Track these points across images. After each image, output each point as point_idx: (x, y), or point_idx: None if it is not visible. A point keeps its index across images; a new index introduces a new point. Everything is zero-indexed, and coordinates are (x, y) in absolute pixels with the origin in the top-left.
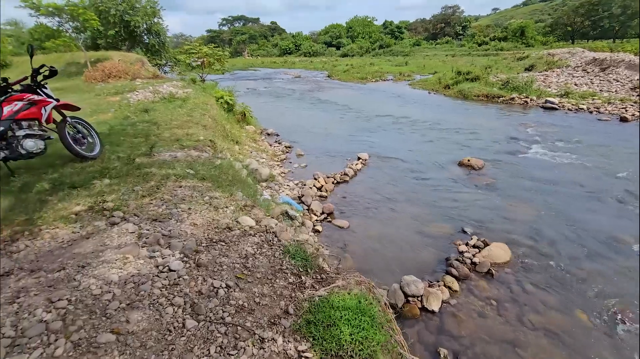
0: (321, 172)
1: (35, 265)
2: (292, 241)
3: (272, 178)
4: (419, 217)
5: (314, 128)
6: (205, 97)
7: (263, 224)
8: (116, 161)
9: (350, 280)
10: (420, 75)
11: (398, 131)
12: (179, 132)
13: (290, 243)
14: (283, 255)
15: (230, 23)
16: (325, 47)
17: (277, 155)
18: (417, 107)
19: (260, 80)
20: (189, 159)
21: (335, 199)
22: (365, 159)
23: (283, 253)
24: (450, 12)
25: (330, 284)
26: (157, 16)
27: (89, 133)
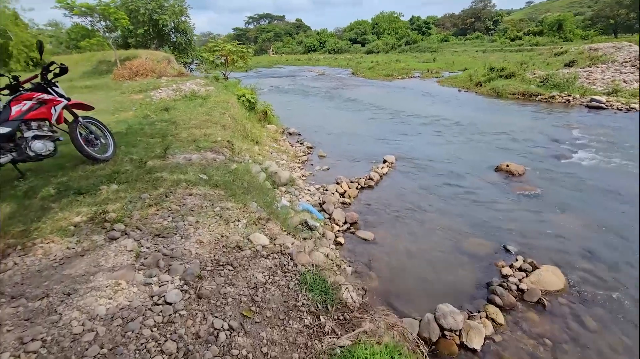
0: (344, 175)
1: (19, 289)
2: (310, 266)
3: (292, 182)
4: (453, 230)
5: (338, 128)
6: (227, 95)
7: (278, 243)
8: (128, 164)
9: (380, 322)
10: (449, 72)
11: (427, 131)
12: (197, 132)
13: (308, 269)
14: (299, 285)
15: (256, 21)
16: (350, 44)
17: (298, 156)
18: (447, 105)
19: (284, 77)
20: (204, 162)
21: (359, 207)
22: (392, 162)
23: (299, 283)
24: (481, 6)
25: (355, 328)
26: (184, 14)
27: (103, 133)
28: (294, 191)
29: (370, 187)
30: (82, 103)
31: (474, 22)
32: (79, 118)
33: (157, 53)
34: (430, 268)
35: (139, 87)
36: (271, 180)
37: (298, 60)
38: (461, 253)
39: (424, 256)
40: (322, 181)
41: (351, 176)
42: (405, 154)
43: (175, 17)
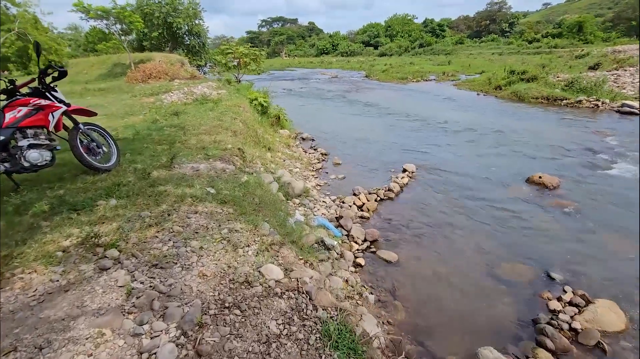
0: (362, 186)
1: None
2: (333, 309)
3: (307, 192)
4: (485, 252)
5: (352, 132)
6: (238, 99)
7: (294, 276)
8: (131, 174)
9: None
10: (466, 75)
11: (447, 138)
12: (206, 139)
13: (331, 314)
14: (321, 340)
15: (269, 24)
16: (363, 46)
17: (312, 163)
18: (467, 110)
19: (296, 80)
20: (212, 173)
21: (379, 222)
22: (412, 172)
23: (321, 336)
24: (497, 8)
25: None
26: (198, 17)
27: (106, 141)
28: (308, 203)
29: (390, 199)
30: (84, 108)
31: (489, 25)
32: (79, 124)
33: (171, 56)
34: (463, 298)
35: (151, 90)
36: (284, 190)
37: (310, 63)
38: (497, 280)
39: (454, 283)
40: (338, 191)
41: (369, 186)
42: (425, 162)
43: (189, 20)
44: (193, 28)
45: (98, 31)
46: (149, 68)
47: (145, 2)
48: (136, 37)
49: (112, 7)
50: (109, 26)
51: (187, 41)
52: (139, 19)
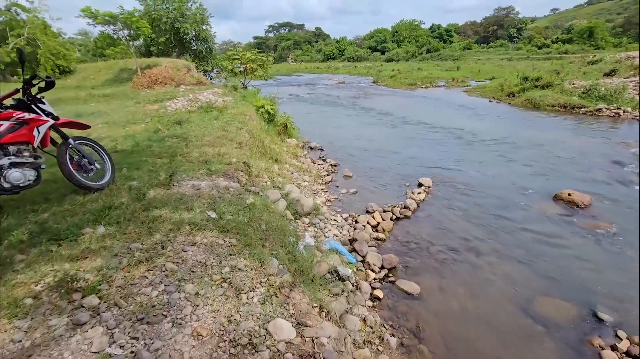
0: (375, 202)
1: None
2: None
3: (317, 210)
4: (517, 282)
5: (363, 142)
6: (244, 107)
7: (308, 336)
8: (125, 194)
9: None
10: (476, 81)
11: (463, 148)
12: (210, 152)
13: None
14: None
15: (276, 30)
16: (370, 52)
17: (321, 176)
18: (481, 118)
19: (303, 86)
20: (214, 193)
21: (396, 244)
22: (429, 186)
23: None
24: (504, 13)
25: None
26: (206, 23)
27: (100, 156)
28: (318, 222)
29: (406, 218)
30: (75, 121)
31: (497, 30)
32: (69, 139)
33: (177, 61)
34: (497, 341)
35: (155, 97)
36: (293, 209)
37: (317, 68)
38: (535, 319)
39: (485, 321)
40: (350, 207)
41: (383, 202)
42: (442, 176)
43: (197, 25)
44: (200, 33)
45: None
46: (155, 74)
47: (153, 7)
48: (144, 42)
49: (120, 12)
50: (116, 31)
51: (194, 46)
52: (146, 24)
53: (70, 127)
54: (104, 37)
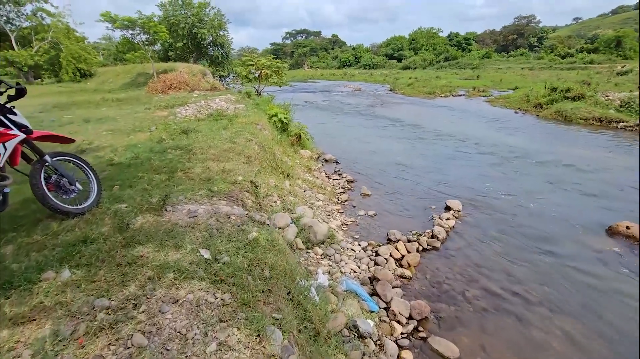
0: (398, 228)
1: None
2: None
3: (332, 238)
4: (581, 347)
5: (381, 154)
6: (256, 116)
7: None
8: (109, 220)
9: None
10: (498, 91)
11: (494, 165)
12: (214, 167)
13: None
14: None
15: (293, 36)
16: (386, 59)
17: (336, 193)
18: (508, 131)
19: (318, 92)
20: (212, 222)
21: (425, 286)
22: (458, 210)
23: None
24: (525, 22)
25: None
26: (223, 29)
27: (85, 174)
28: (333, 253)
29: (435, 249)
30: (55, 135)
31: (517, 39)
32: (45, 156)
33: (193, 66)
34: None
35: (167, 103)
36: (304, 236)
37: (333, 75)
38: None
39: None
40: (369, 233)
41: (407, 228)
42: (473, 198)
43: (214, 31)
44: (217, 39)
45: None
46: (170, 79)
47: (172, 12)
48: (162, 47)
49: (138, 17)
50: (134, 36)
51: (211, 52)
52: (164, 29)
53: (50, 141)
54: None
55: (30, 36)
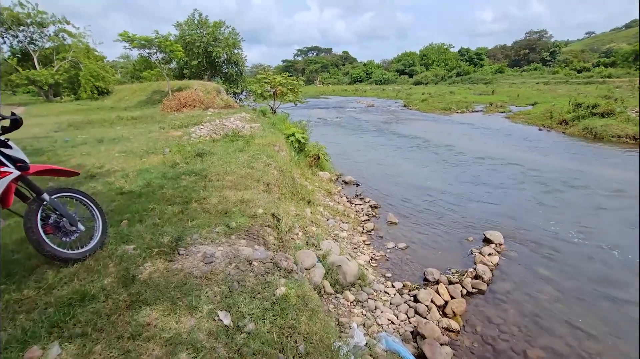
0: (434, 264)
1: None
2: None
3: (363, 279)
4: None
5: (403, 176)
6: (273, 136)
7: None
8: (114, 267)
9: None
10: (517, 107)
11: (531, 189)
12: (231, 197)
13: None
14: None
15: (304, 53)
16: (397, 74)
17: (361, 221)
18: (536, 149)
19: (331, 109)
20: (232, 270)
21: (477, 341)
22: (500, 243)
23: None
24: (536, 37)
25: None
26: (237, 47)
27: (90, 212)
28: (366, 299)
29: (480, 292)
30: (57, 168)
31: (529, 54)
32: (43, 194)
33: (207, 84)
34: None
35: (181, 121)
36: (333, 277)
37: (345, 91)
38: None
39: None
40: (402, 271)
41: (444, 265)
42: (513, 228)
43: (229, 49)
44: (232, 57)
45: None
46: (185, 97)
47: (188, 32)
48: (177, 65)
49: (155, 36)
50: (151, 55)
51: (226, 69)
52: (179, 48)
53: (51, 175)
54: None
55: (52, 56)
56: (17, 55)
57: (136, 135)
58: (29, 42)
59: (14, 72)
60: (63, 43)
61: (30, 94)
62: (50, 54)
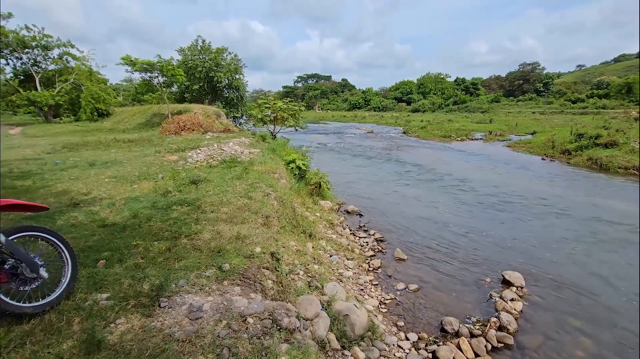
0: (451, 312)
1: None
2: None
3: (374, 331)
4: None
5: (407, 207)
6: (273, 163)
7: None
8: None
9: None
10: (516, 135)
11: (543, 224)
12: (226, 232)
13: None
14: None
15: (304, 80)
16: (395, 102)
17: (366, 257)
18: (543, 181)
19: (331, 134)
20: (222, 330)
21: None
22: (521, 286)
23: None
24: (530, 68)
25: None
26: (239, 73)
27: (58, 254)
28: (378, 357)
29: (508, 347)
30: (21, 204)
31: (523, 84)
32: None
33: (208, 108)
34: None
35: (178, 145)
36: (339, 329)
37: (344, 117)
38: None
39: None
40: (415, 318)
41: (462, 313)
42: (534, 268)
43: (230, 74)
44: (233, 82)
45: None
46: (183, 120)
47: (190, 57)
48: (178, 89)
49: (157, 61)
50: (152, 78)
51: (226, 94)
52: (181, 72)
53: (13, 211)
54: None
55: (54, 77)
56: (20, 77)
57: (130, 158)
58: (33, 64)
59: (15, 93)
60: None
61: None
62: (53, 75)
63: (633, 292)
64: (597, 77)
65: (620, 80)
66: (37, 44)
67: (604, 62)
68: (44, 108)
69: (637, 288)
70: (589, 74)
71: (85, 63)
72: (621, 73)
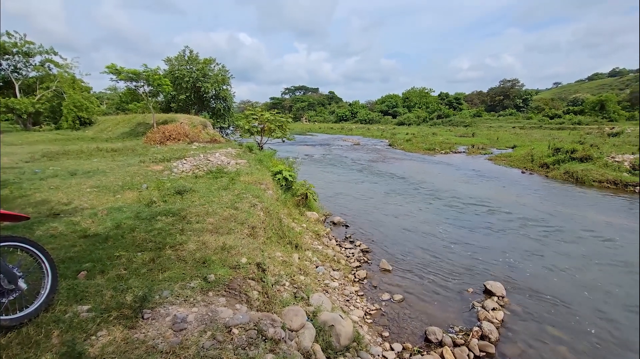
0: (435, 321)
1: None
2: None
3: (359, 341)
4: None
5: (392, 218)
6: (260, 173)
7: None
8: (55, 340)
9: None
10: (497, 149)
11: (527, 237)
12: (212, 243)
13: None
14: None
15: (292, 92)
16: (381, 115)
17: (352, 268)
18: (524, 193)
19: (318, 146)
20: (207, 341)
21: None
22: (502, 296)
23: None
24: (509, 85)
25: None
26: (227, 83)
27: (38, 265)
28: None
29: (489, 356)
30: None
31: (503, 100)
32: None
33: (194, 118)
34: None
35: (163, 155)
36: (324, 340)
37: (331, 129)
38: None
39: None
40: (400, 329)
41: (445, 322)
42: (514, 279)
43: (217, 85)
44: (220, 93)
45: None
46: (169, 130)
47: (177, 67)
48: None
49: (143, 70)
50: (138, 87)
51: (213, 104)
52: (168, 82)
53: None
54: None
55: (35, 85)
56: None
57: (113, 168)
58: (13, 70)
59: None
60: (48, 73)
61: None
62: (34, 82)
63: (603, 301)
64: (572, 94)
65: (594, 98)
66: (18, 50)
67: (578, 80)
68: (23, 115)
69: (609, 298)
70: (564, 91)
71: (69, 70)
72: (595, 91)
